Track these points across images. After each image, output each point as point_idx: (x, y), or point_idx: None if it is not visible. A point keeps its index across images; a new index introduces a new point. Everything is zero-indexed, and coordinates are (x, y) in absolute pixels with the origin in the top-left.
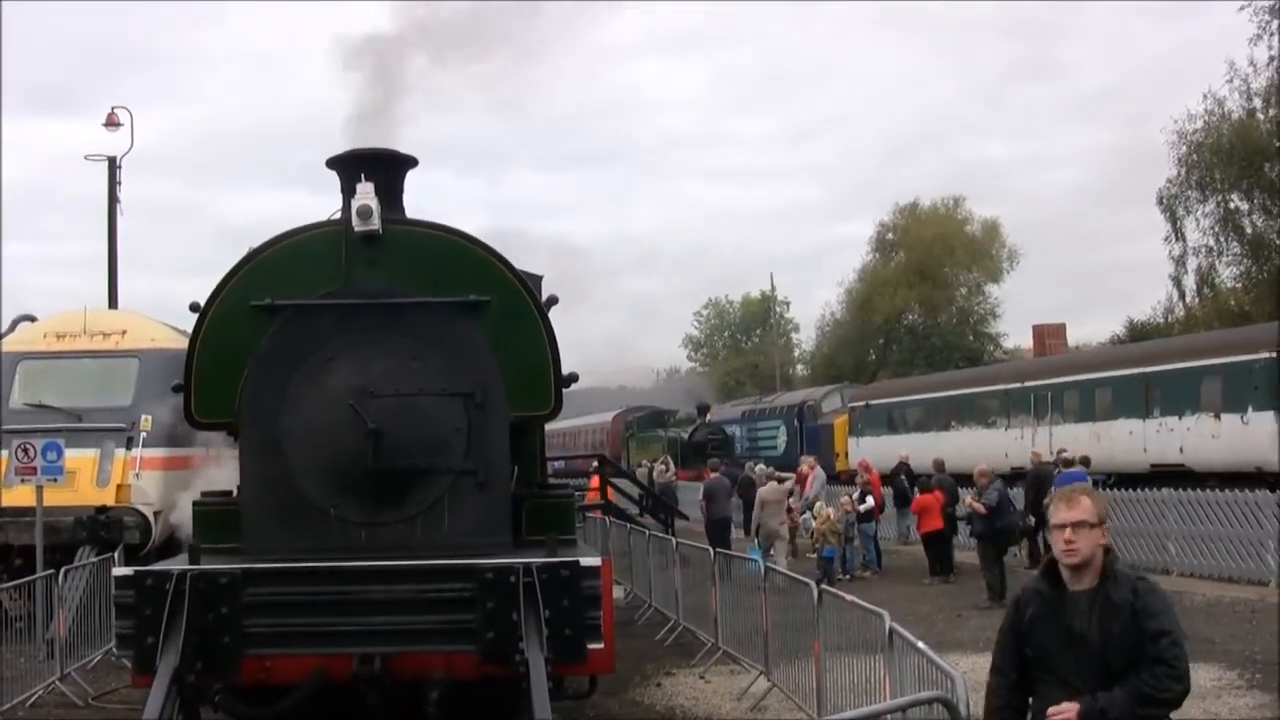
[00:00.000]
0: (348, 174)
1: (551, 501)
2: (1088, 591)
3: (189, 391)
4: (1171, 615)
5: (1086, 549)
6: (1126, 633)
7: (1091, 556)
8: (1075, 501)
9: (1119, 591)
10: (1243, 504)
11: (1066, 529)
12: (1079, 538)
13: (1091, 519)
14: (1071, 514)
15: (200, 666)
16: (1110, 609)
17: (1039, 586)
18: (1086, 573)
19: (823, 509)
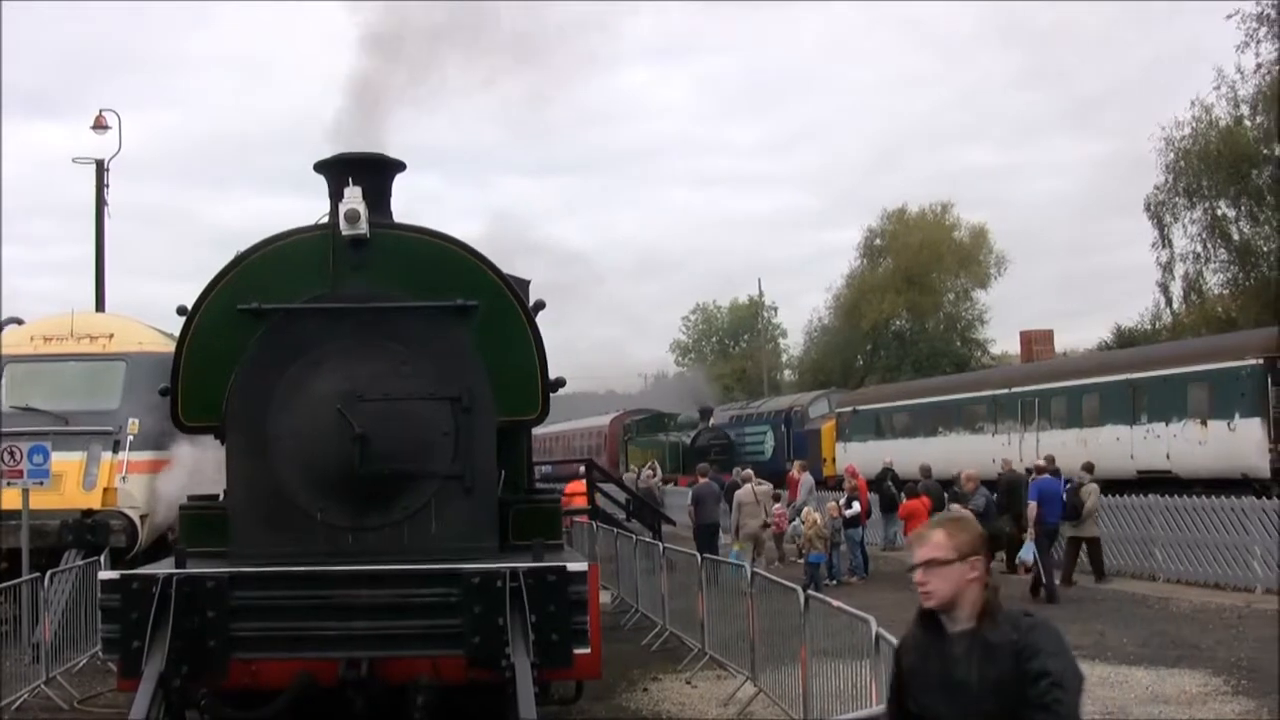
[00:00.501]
0: (335, 178)
1: (538, 506)
2: (965, 634)
3: (176, 395)
4: (1060, 654)
5: (944, 589)
6: (1008, 677)
7: (955, 596)
8: (925, 539)
9: (999, 631)
10: (1229, 510)
11: (918, 570)
12: (930, 578)
13: (946, 555)
14: (921, 552)
15: (186, 670)
16: (988, 651)
17: (913, 632)
18: (961, 614)
19: (809, 514)
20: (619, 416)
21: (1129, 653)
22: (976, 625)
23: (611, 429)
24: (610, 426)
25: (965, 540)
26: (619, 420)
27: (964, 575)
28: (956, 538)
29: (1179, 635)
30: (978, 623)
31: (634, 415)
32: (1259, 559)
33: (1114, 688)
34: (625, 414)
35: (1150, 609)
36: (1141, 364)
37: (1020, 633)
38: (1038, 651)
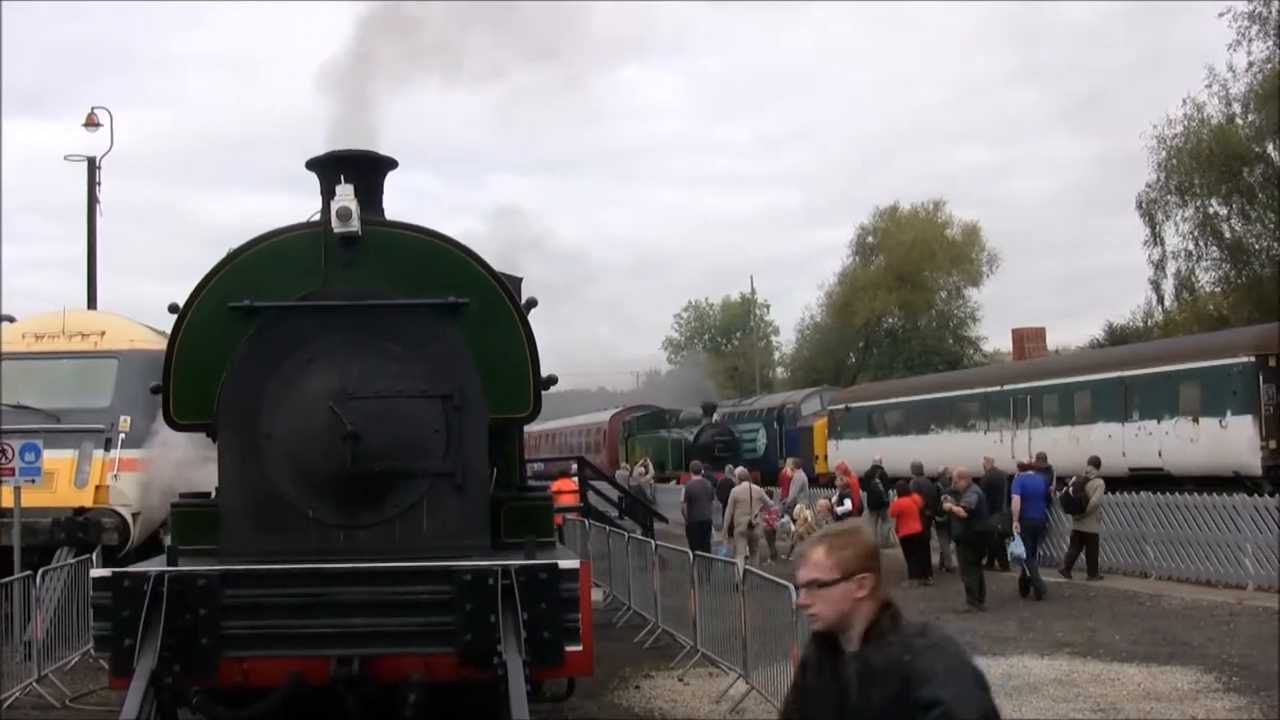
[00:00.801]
0: (327, 175)
1: (530, 504)
2: (855, 655)
3: (168, 393)
4: (953, 680)
5: (827, 612)
6: (892, 704)
7: (843, 618)
8: (806, 558)
9: (886, 652)
10: (1221, 508)
11: (802, 592)
12: (814, 600)
13: (827, 576)
14: (802, 573)
15: (178, 668)
16: (871, 676)
17: (811, 651)
18: (854, 634)
19: (801, 511)
20: (619, 413)
21: (1121, 650)
22: (861, 646)
23: (612, 426)
24: (610, 423)
25: (850, 557)
26: (619, 417)
27: (850, 595)
28: (839, 554)
29: (1171, 632)
30: (863, 644)
31: (634, 412)
32: (1250, 556)
33: (1106, 685)
34: (625, 410)
35: (1142, 606)
36: (1133, 362)
37: (911, 654)
38: (928, 678)
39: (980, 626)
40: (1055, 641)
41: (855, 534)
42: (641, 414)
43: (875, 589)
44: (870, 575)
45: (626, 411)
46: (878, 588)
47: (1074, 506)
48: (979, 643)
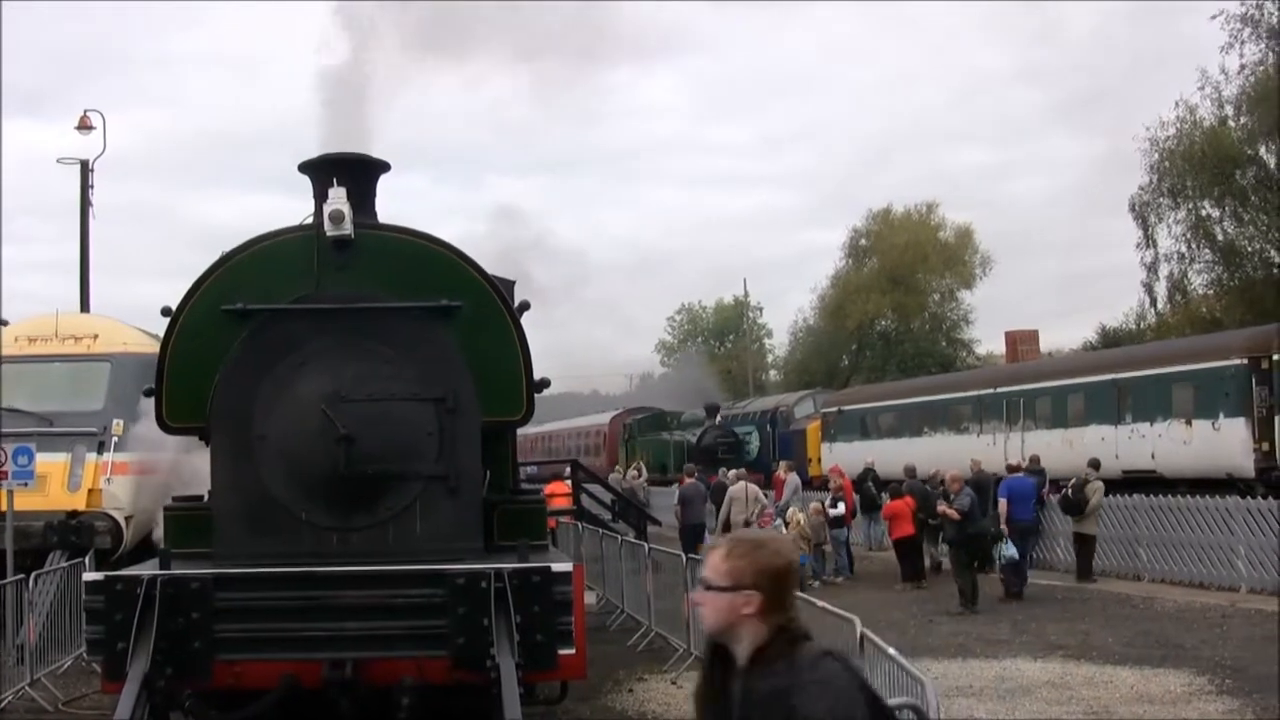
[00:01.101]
0: (320, 178)
1: (523, 507)
2: (743, 673)
3: (160, 396)
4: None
5: (712, 617)
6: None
7: (728, 628)
8: (707, 557)
9: (772, 681)
10: (1213, 510)
11: (697, 589)
12: (704, 601)
13: (718, 580)
14: (702, 571)
15: (171, 672)
16: (752, 702)
17: (705, 652)
18: (741, 650)
19: (794, 514)
20: (619, 415)
21: (1114, 652)
22: (748, 667)
23: (612, 428)
24: (610, 425)
25: (744, 568)
26: (619, 419)
27: (735, 608)
28: (732, 563)
29: (1164, 635)
30: (750, 664)
31: (635, 414)
32: (1244, 558)
33: (1099, 687)
34: (626, 412)
35: (1135, 608)
36: (1126, 364)
37: (797, 688)
38: (810, 713)
39: (973, 629)
40: (1048, 644)
41: (760, 547)
42: (642, 416)
43: (765, 610)
44: (759, 594)
45: (627, 413)
46: (770, 609)
47: (1073, 508)
48: (972, 645)
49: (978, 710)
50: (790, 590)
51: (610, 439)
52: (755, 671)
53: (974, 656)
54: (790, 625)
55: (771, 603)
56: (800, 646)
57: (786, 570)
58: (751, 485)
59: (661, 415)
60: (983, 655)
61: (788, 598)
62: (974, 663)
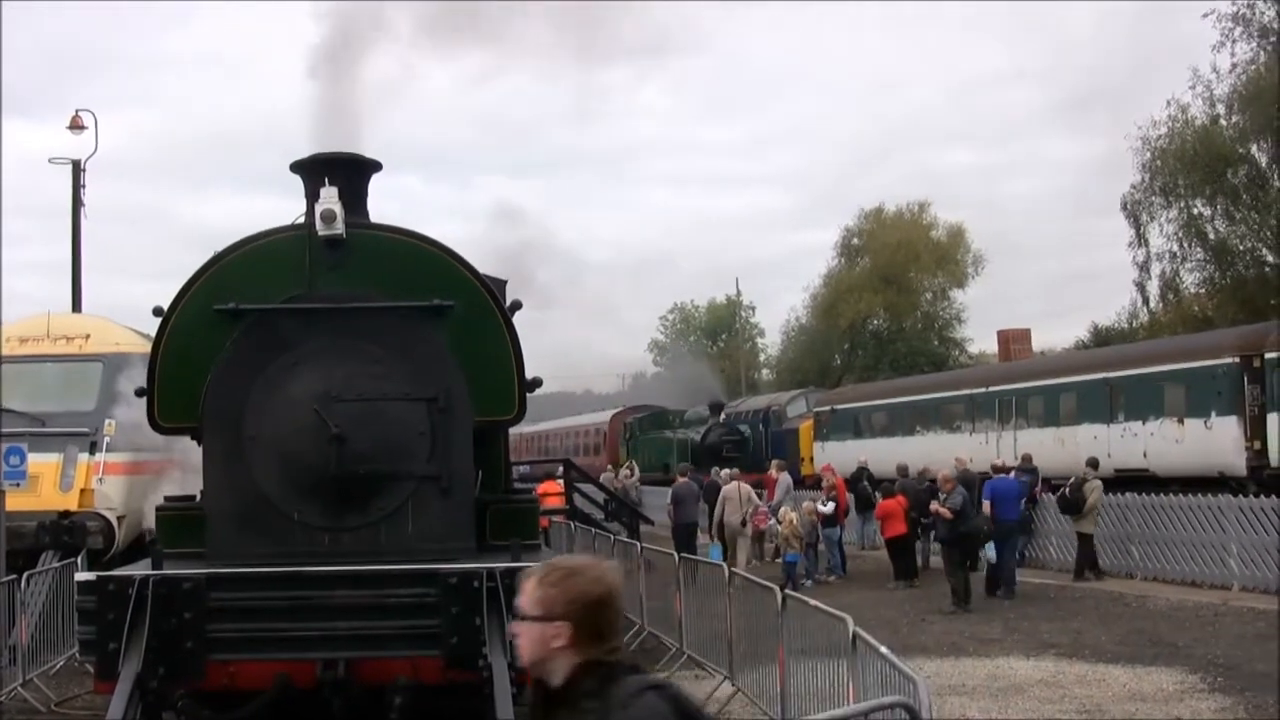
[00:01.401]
0: (311, 178)
1: (516, 506)
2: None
3: (152, 396)
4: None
5: (526, 650)
6: None
7: (540, 660)
8: (521, 584)
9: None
10: (1206, 508)
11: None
12: (519, 631)
13: (529, 609)
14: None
15: (163, 672)
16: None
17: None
18: (555, 683)
19: (786, 513)
20: (620, 413)
21: (1106, 651)
22: (561, 704)
23: (612, 426)
24: (611, 424)
25: (555, 598)
26: (620, 417)
27: (545, 639)
28: (545, 591)
29: (1156, 633)
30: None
31: (636, 412)
32: (1236, 557)
33: (1091, 686)
34: (626, 410)
35: (1128, 607)
36: (1118, 363)
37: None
38: None
39: (966, 627)
40: (1041, 642)
41: (574, 575)
42: (644, 414)
43: (576, 642)
44: (570, 625)
45: (628, 411)
46: (583, 642)
47: (1071, 507)
48: (965, 644)
49: (970, 709)
50: (608, 621)
51: (610, 438)
52: (566, 710)
53: (967, 655)
54: (607, 659)
55: (584, 635)
56: (617, 683)
57: (602, 599)
58: (744, 485)
59: (664, 413)
60: (975, 654)
61: (605, 629)
62: (967, 661)
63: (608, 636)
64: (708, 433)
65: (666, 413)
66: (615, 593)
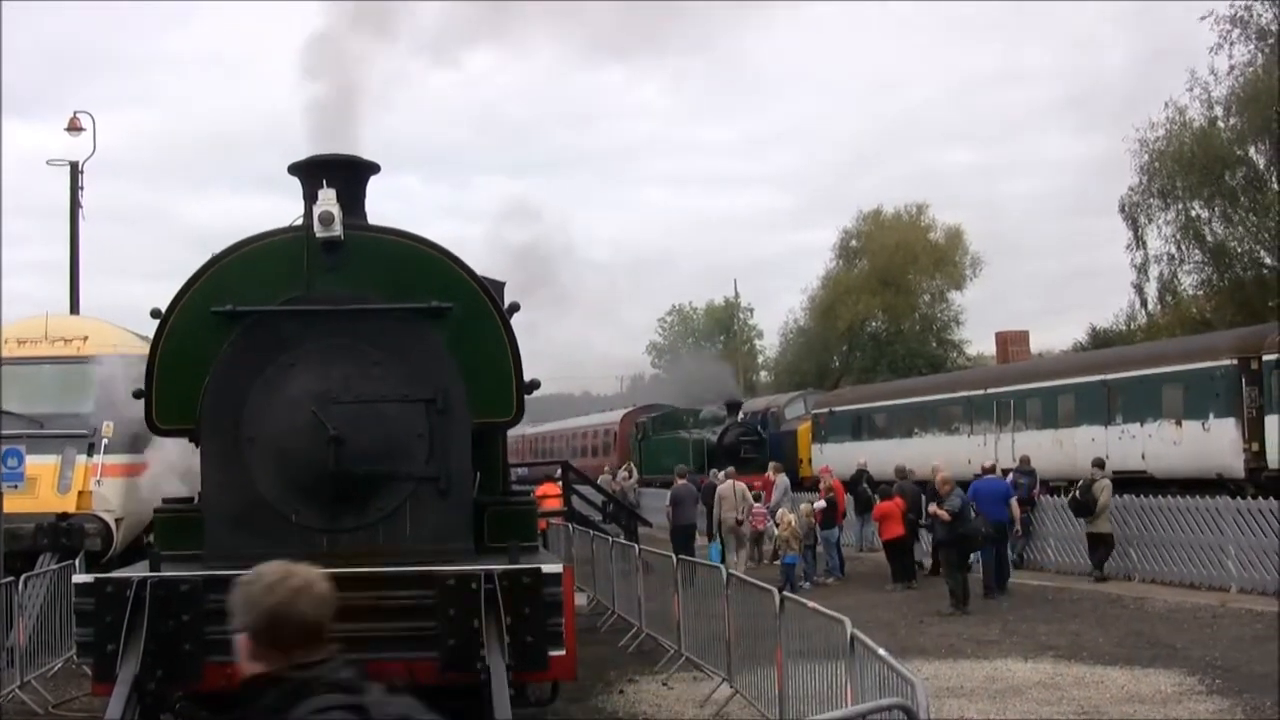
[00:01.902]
0: (309, 180)
1: (514, 508)
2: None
3: (150, 398)
4: None
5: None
6: None
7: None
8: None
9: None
10: (1203, 510)
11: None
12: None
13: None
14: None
15: (161, 674)
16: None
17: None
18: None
19: (784, 515)
20: (630, 413)
21: (1105, 653)
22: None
23: (622, 427)
24: (621, 424)
25: (235, 606)
26: (631, 417)
27: (241, 648)
28: (234, 600)
29: (1154, 635)
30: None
31: (648, 411)
32: (1234, 558)
33: (1089, 688)
34: (638, 410)
35: (1126, 609)
36: (1116, 365)
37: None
38: None
39: (964, 629)
40: (1039, 644)
41: (250, 583)
42: (656, 414)
43: (255, 654)
44: (247, 636)
45: (639, 411)
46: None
47: (1083, 509)
48: (963, 645)
49: (969, 711)
50: (288, 633)
51: (621, 438)
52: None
53: (965, 657)
54: (291, 674)
55: (262, 645)
56: (303, 700)
57: (275, 610)
58: (739, 484)
59: (677, 413)
60: (973, 656)
61: (284, 641)
62: (965, 663)
63: (290, 649)
64: (724, 433)
65: (679, 412)
66: (292, 602)
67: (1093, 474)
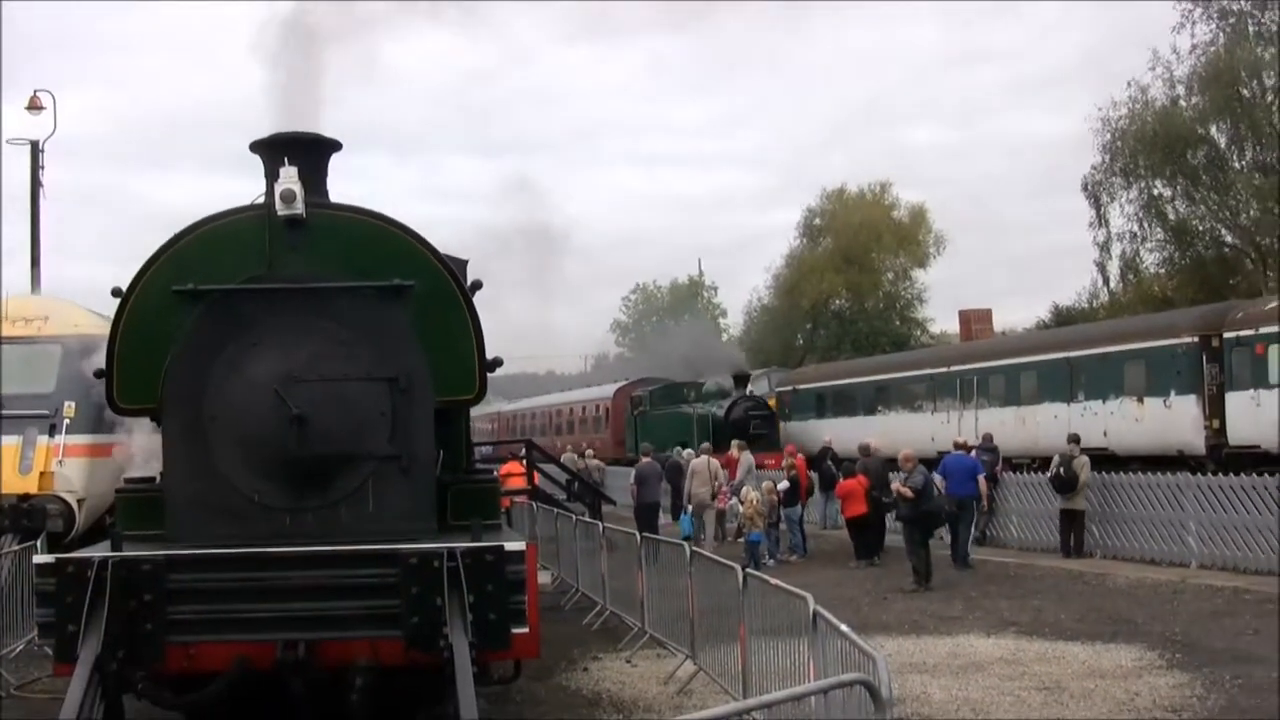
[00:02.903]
0: (271, 158)
1: (477, 487)
2: None
3: (111, 378)
4: None
5: None
6: None
7: None
8: None
9: None
10: (1165, 487)
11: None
12: None
13: None
14: None
15: (123, 654)
16: None
17: None
18: None
19: (748, 492)
20: (625, 387)
21: (1066, 628)
22: None
23: (616, 402)
24: (615, 399)
25: None
26: (625, 391)
27: None
28: None
29: (1115, 610)
30: None
31: (645, 384)
32: (1194, 535)
33: (1051, 663)
34: (633, 383)
35: (1087, 585)
36: (1079, 343)
37: None
38: None
39: (927, 606)
40: (1001, 620)
41: None
42: (655, 387)
43: None
44: None
45: (635, 385)
46: None
47: (1066, 486)
48: (925, 622)
49: (931, 686)
50: None
51: (615, 414)
52: None
53: (927, 633)
54: None
55: None
56: None
57: None
58: (714, 460)
59: (677, 386)
60: (936, 632)
61: None
62: (927, 639)
63: None
64: (732, 407)
65: (680, 385)
66: None
67: (1071, 450)
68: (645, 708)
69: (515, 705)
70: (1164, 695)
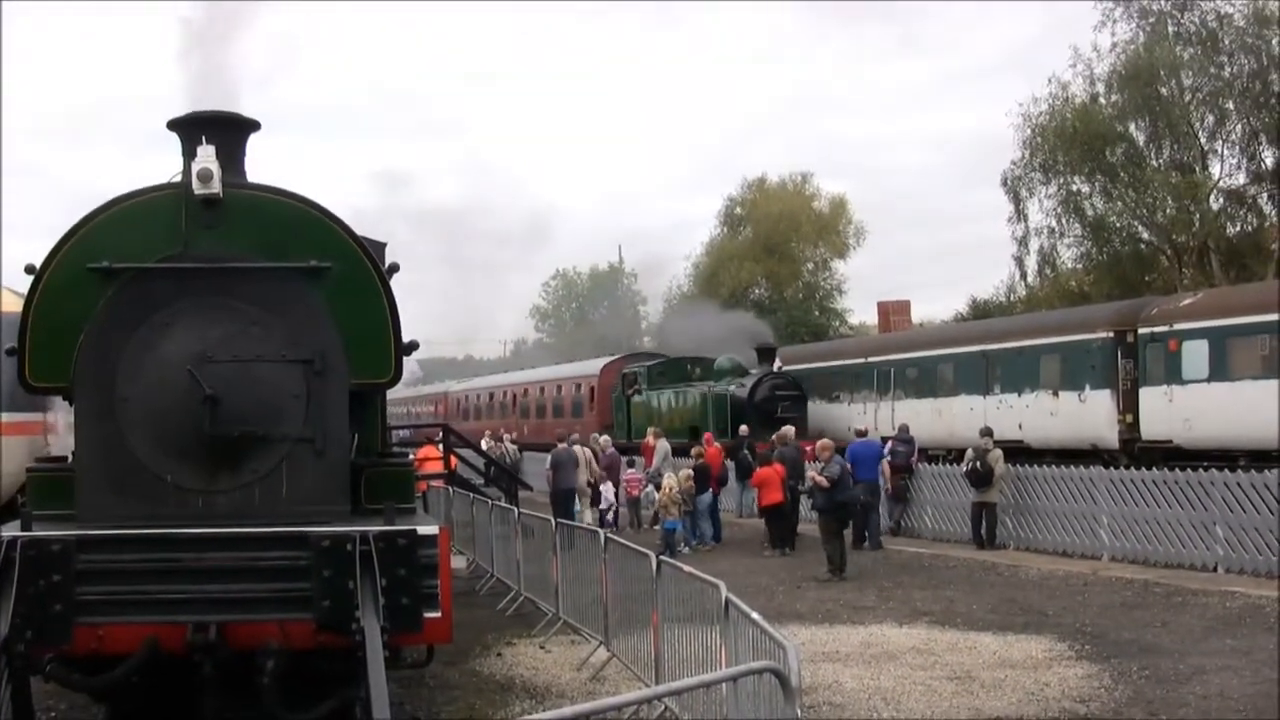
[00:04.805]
0: (189, 136)
1: (391, 470)
2: None
3: (23, 355)
4: None
5: None
6: None
7: None
8: None
9: None
10: (1078, 480)
11: None
12: None
13: None
14: None
15: (31, 636)
16: None
17: None
18: None
19: (666, 480)
20: (613, 363)
21: (977, 618)
22: None
23: (603, 380)
24: (601, 376)
25: None
26: (614, 367)
27: None
28: None
29: (1027, 602)
30: None
31: (639, 360)
32: (1106, 528)
33: (962, 653)
34: (623, 359)
35: (1000, 576)
36: (996, 336)
37: None
38: None
39: (841, 595)
40: (914, 610)
41: None
42: (652, 363)
43: None
44: None
45: (625, 360)
46: None
47: (981, 480)
48: (839, 611)
49: (843, 675)
50: None
51: (601, 394)
52: None
53: (841, 622)
54: None
55: None
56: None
57: None
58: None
59: (679, 362)
60: (849, 621)
61: None
62: (840, 628)
63: None
64: (757, 385)
65: (684, 361)
66: None
67: (985, 444)
68: (558, 693)
69: (428, 690)
70: (1073, 686)
